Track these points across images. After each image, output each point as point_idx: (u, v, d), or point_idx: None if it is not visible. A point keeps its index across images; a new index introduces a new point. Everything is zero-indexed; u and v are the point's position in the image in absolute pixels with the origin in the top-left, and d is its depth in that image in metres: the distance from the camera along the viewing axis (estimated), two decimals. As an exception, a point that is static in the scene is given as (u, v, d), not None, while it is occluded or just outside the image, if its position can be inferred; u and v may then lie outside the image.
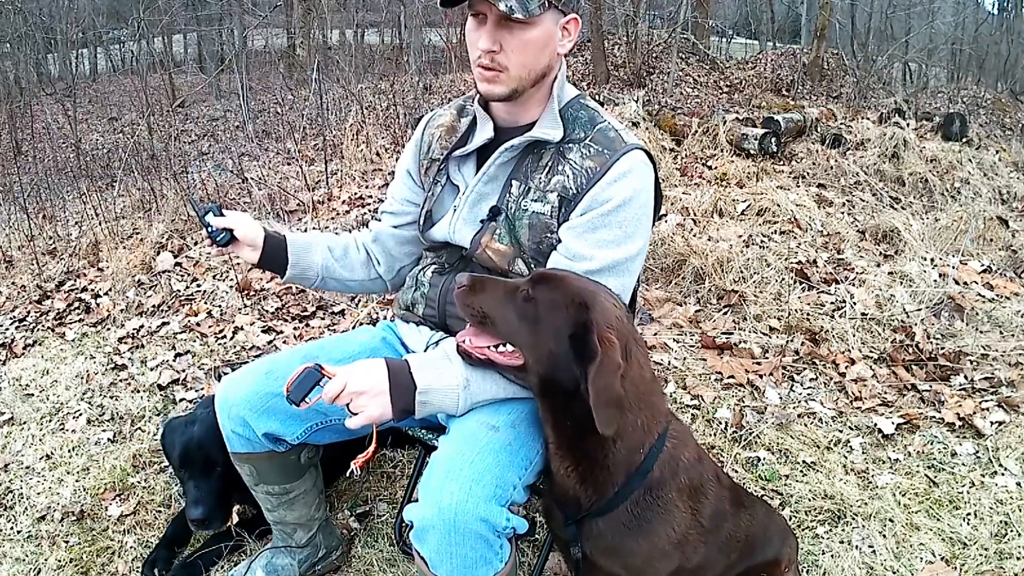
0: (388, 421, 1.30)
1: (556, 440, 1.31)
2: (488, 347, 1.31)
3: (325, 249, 1.68)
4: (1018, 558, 1.87)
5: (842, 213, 4.43)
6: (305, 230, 4.12)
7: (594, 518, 1.32)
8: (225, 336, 3.15)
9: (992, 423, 2.42)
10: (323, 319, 3.28)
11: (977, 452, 2.30)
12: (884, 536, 1.95)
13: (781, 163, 5.36)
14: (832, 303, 3.24)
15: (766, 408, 2.55)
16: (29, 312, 3.58)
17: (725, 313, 3.24)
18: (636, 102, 5.79)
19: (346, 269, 1.70)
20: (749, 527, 1.49)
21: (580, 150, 1.42)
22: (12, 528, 2.10)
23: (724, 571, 1.48)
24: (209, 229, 1.58)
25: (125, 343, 3.17)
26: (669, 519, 1.31)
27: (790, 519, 2.01)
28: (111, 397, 2.75)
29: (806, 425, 2.45)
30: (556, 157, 1.44)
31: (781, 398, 2.61)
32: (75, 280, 3.88)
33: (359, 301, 3.32)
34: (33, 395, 2.82)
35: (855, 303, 3.20)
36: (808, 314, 3.14)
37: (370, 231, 1.73)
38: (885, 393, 2.63)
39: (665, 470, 1.31)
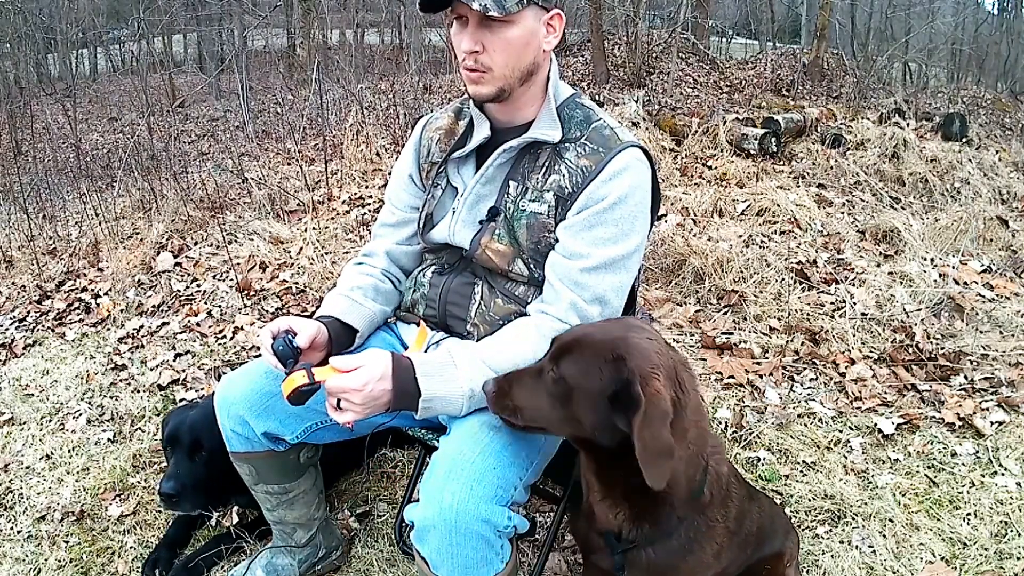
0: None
1: (603, 491, 1.26)
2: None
3: (371, 302, 1.61)
4: (1018, 558, 1.87)
5: (842, 213, 4.43)
6: (305, 230, 4.12)
7: (645, 547, 1.28)
8: (225, 336, 3.15)
9: (992, 423, 2.41)
10: (323, 319, 3.27)
11: (977, 452, 2.30)
12: (884, 536, 1.95)
13: (781, 163, 5.36)
14: (832, 303, 3.24)
15: (766, 408, 2.54)
16: (29, 312, 3.58)
17: (725, 313, 3.24)
18: (636, 102, 5.79)
19: (388, 304, 1.68)
20: (759, 519, 1.49)
21: (576, 149, 1.43)
22: (12, 528, 2.10)
23: (740, 566, 1.48)
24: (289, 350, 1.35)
25: (125, 343, 3.17)
26: (713, 535, 1.31)
27: (790, 519, 2.00)
28: (111, 397, 2.75)
29: (806, 425, 2.45)
30: (553, 157, 1.44)
31: (781, 398, 2.61)
32: (75, 280, 3.88)
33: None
34: (33, 395, 2.82)
35: (855, 303, 3.20)
36: (808, 314, 3.13)
37: (378, 256, 1.68)
38: (885, 393, 2.62)
39: (714, 489, 1.30)
